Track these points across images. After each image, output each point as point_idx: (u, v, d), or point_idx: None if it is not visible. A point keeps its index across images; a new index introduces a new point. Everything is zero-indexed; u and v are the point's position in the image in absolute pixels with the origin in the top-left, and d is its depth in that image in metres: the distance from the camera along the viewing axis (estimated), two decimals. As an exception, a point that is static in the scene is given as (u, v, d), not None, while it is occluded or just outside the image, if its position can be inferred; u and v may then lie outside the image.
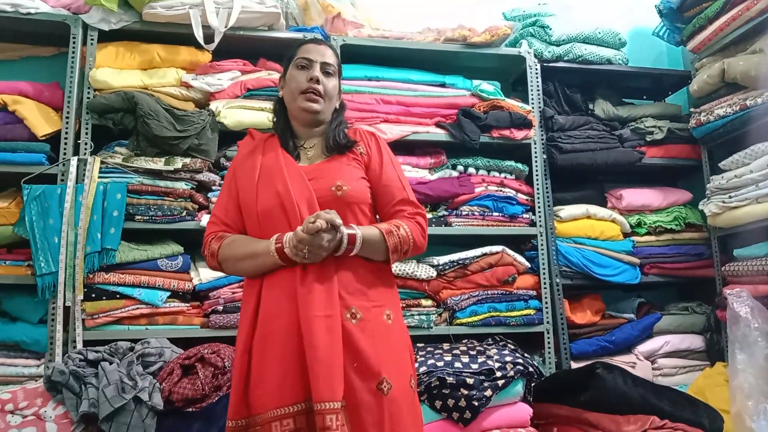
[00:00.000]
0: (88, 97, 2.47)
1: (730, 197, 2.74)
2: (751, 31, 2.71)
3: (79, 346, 2.23)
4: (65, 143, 2.41)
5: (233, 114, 2.51)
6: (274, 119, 1.80)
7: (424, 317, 2.55)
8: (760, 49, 2.63)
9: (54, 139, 2.42)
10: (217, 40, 2.55)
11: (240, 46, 2.68)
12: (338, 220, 1.51)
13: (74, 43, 2.49)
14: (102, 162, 2.40)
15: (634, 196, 2.98)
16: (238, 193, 1.68)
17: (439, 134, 2.76)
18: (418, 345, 2.47)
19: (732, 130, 2.80)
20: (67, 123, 2.43)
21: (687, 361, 2.82)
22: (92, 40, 2.52)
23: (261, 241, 1.59)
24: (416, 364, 2.16)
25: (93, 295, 2.29)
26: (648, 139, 3.01)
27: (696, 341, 2.86)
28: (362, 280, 1.60)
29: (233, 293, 2.39)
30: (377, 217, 1.75)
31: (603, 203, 2.99)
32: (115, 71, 2.52)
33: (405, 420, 1.53)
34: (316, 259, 1.51)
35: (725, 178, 2.79)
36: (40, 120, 2.41)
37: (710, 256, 2.97)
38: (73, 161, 2.37)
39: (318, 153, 1.73)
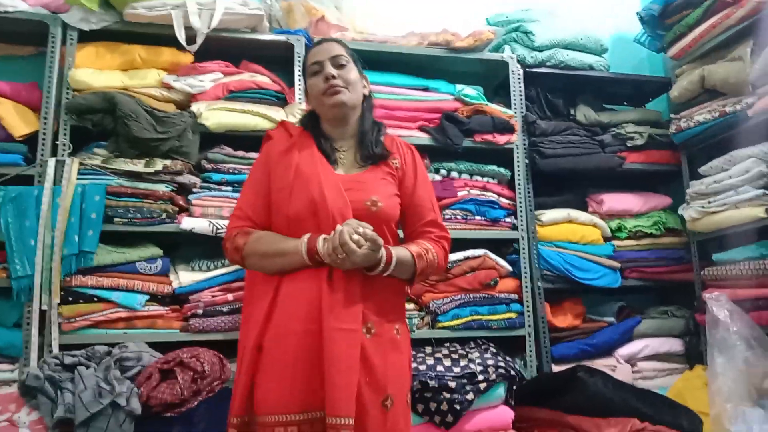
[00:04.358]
0: (67, 98, 2.43)
1: (710, 202, 2.77)
2: (731, 38, 2.75)
3: (55, 350, 2.18)
4: (43, 144, 2.37)
5: (215, 116, 2.48)
6: (306, 124, 1.78)
7: (407, 320, 2.53)
8: (740, 57, 2.67)
9: (31, 139, 2.38)
10: (199, 41, 2.53)
11: (222, 47, 2.66)
12: (381, 241, 1.51)
13: (53, 42, 2.45)
14: (80, 164, 2.36)
15: (614, 200, 3.00)
16: (269, 191, 1.66)
17: (423, 138, 2.76)
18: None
19: (711, 136, 2.83)
20: (45, 123, 2.39)
21: (666, 365, 2.84)
22: (72, 40, 2.48)
23: (289, 239, 1.58)
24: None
25: (70, 299, 2.24)
26: (629, 145, 3.04)
27: (675, 345, 2.88)
28: (381, 297, 1.61)
29: (213, 297, 2.36)
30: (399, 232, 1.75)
31: (584, 208, 3.01)
32: (95, 72, 2.49)
33: None
34: (347, 267, 1.51)
35: (704, 183, 2.82)
36: (17, 120, 2.38)
37: (690, 260, 3.00)
38: (51, 162, 2.33)
39: (352, 160, 1.72)
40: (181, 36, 2.51)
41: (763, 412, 2.23)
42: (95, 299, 2.27)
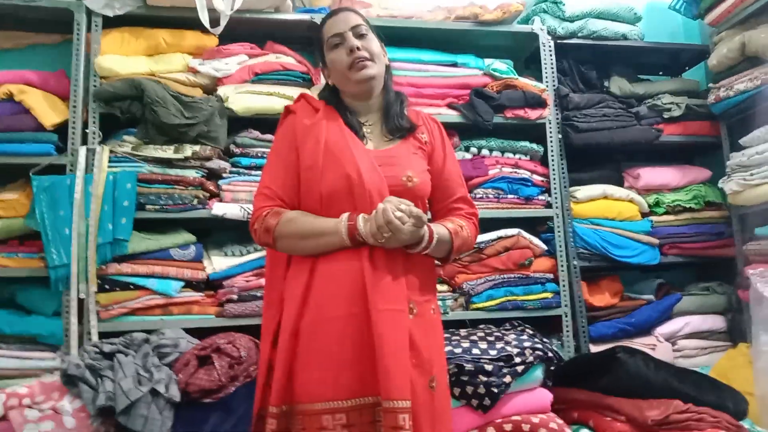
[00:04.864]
0: (95, 85, 2.43)
1: (752, 174, 2.68)
2: (774, 2, 2.63)
3: (95, 338, 2.21)
4: (73, 133, 2.37)
5: (242, 100, 2.46)
6: (328, 98, 1.71)
7: (440, 303, 2.51)
8: (783, 21, 2.55)
9: (62, 128, 2.38)
10: (223, 23, 2.49)
11: (247, 29, 2.63)
12: (425, 216, 1.47)
13: (78, 29, 2.44)
14: (111, 151, 2.37)
15: (651, 175, 2.92)
16: (297, 168, 1.59)
17: (452, 115, 2.70)
18: (435, 331, 2.44)
19: (752, 105, 2.72)
20: (74, 112, 2.39)
21: (708, 342, 2.77)
22: (96, 26, 2.47)
23: (325, 219, 1.52)
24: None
25: (106, 287, 2.26)
26: (665, 116, 2.94)
27: (717, 322, 2.81)
28: (421, 275, 1.58)
29: (247, 281, 2.36)
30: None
31: (620, 183, 2.93)
32: (121, 58, 2.48)
33: (447, 415, 1.53)
34: (391, 246, 1.47)
35: (746, 155, 2.72)
36: (46, 109, 2.38)
37: (731, 235, 2.91)
38: (82, 151, 2.34)
39: (379, 134, 1.67)
40: (204, 19, 2.47)
41: (810, 391, 2.17)
42: (131, 287, 2.28)
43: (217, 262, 2.37)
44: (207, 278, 2.36)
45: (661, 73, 3.30)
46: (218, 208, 2.37)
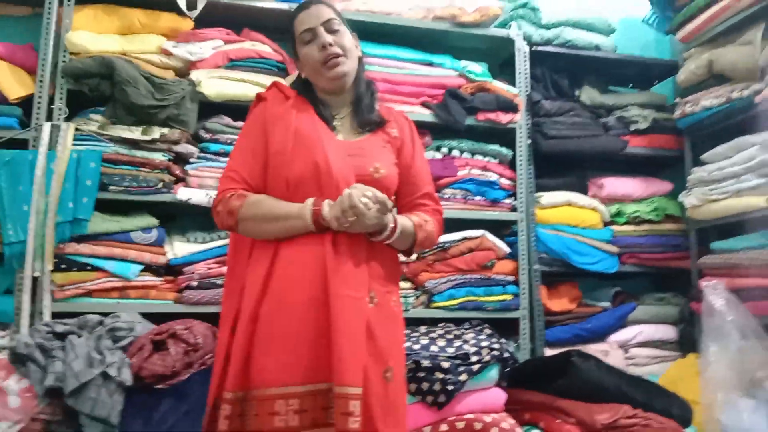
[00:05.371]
0: (64, 61, 2.37)
1: (711, 190, 2.75)
2: (742, 22, 2.69)
3: (47, 318, 2.16)
4: (38, 108, 2.32)
5: (214, 85, 2.44)
6: (300, 89, 1.71)
7: (402, 299, 2.52)
8: (749, 41, 2.61)
9: (26, 103, 2.33)
10: (200, 7, 2.47)
11: (224, 14, 2.60)
12: (390, 203, 1.48)
13: (50, 3, 2.39)
14: (76, 129, 2.32)
15: (615, 185, 2.98)
16: (266, 153, 1.59)
17: (425, 114, 2.72)
18: (395, 327, 2.46)
19: (716, 122, 2.80)
20: (40, 87, 2.34)
21: (659, 352, 2.84)
22: (69, 1, 2.42)
23: (290, 203, 1.53)
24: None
25: (63, 266, 2.22)
26: (632, 128, 2.99)
27: (669, 332, 2.88)
28: (384, 266, 1.59)
29: (208, 269, 2.34)
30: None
31: (584, 191, 2.98)
32: (93, 35, 2.43)
33: (401, 408, 1.53)
34: (355, 231, 1.48)
35: (707, 170, 2.79)
36: (12, 82, 2.33)
37: (687, 247, 2.98)
38: (46, 127, 2.29)
39: (349, 127, 1.68)
40: (181, 1, 2.44)
41: (754, 402, 2.24)
42: (89, 267, 2.24)
43: (179, 248, 2.34)
44: (167, 263, 2.34)
45: (631, 85, 3.37)
46: (183, 193, 2.34)
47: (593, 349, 2.64)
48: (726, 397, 2.27)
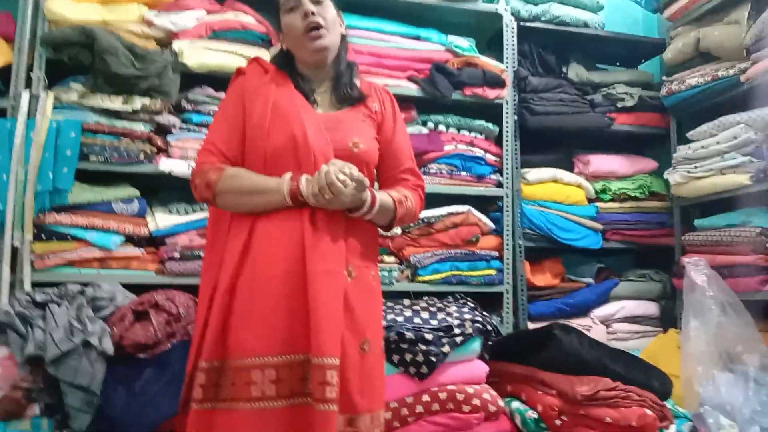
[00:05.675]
0: (43, 30, 2.33)
1: (695, 167, 2.76)
2: (729, 1, 2.68)
3: (27, 287, 2.14)
4: (16, 76, 2.28)
5: (197, 55, 2.40)
6: (280, 63, 1.70)
7: (386, 273, 2.53)
8: (736, 20, 2.62)
9: (4, 71, 2.28)
10: (182, -25, 2.43)
11: (207, -16, 2.56)
12: (367, 181, 1.48)
13: (29, -30, 2.34)
14: (56, 98, 2.28)
15: (601, 162, 2.98)
16: (244, 126, 1.58)
17: (411, 89, 2.70)
18: (379, 300, 2.46)
19: (702, 100, 2.80)
20: (18, 55, 2.29)
21: (641, 327, 2.87)
22: (48, -33, 2.37)
23: (268, 177, 1.52)
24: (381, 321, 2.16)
25: (43, 236, 2.19)
26: (618, 106, 3.00)
27: (651, 308, 2.91)
28: (361, 240, 1.59)
29: (191, 240, 2.32)
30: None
31: (570, 168, 2.98)
32: (73, 4, 2.38)
33: (378, 379, 1.55)
34: (333, 208, 1.48)
35: (692, 148, 2.80)
36: (-11, 50, 2.28)
37: (671, 225, 3.00)
38: (25, 95, 2.24)
39: (329, 101, 1.67)
40: (163, -31, 2.40)
41: (732, 376, 2.26)
42: (69, 238, 2.22)
43: (161, 219, 2.32)
44: (149, 234, 2.32)
45: (618, 63, 3.36)
46: (165, 164, 2.32)
47: (576, 323, 2.65)
48: (705, 371, 2.30)
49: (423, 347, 2.06)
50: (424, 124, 2.75)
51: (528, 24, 2.93)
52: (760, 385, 2.20)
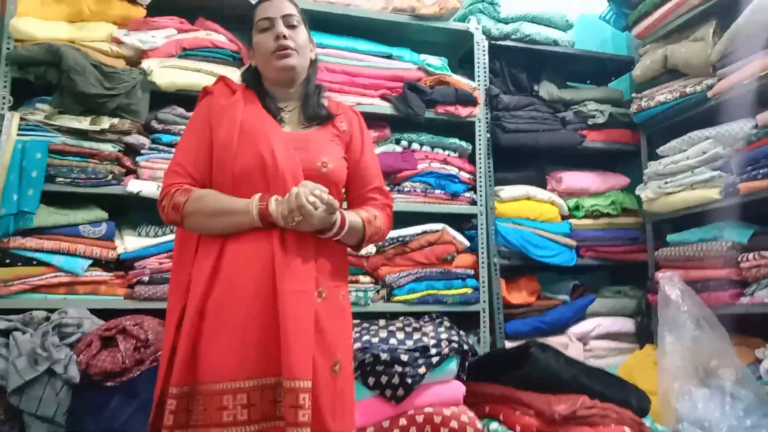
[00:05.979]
0: (8, 48, 2.28)
1: (666, 183, 2.79)
2: (695, 18, 2.74)
3: (-10, 314, 2.07)
4: (-20, 96, 2.23)
5: (167, 74, 2.37)
6: (248, 82, 1.69)
7: (361, 294, 2.50)
8: (702, 37, 2.67)
9: (-33, 91, 2.24)
10: (152, -6, 2.40)
11: (177, 3, 2.53)
12: (336, 203, 1.47)
13: (-8, -13, 2.30)
14: (22, 119, 2.23)
15: (573, 179, 3.00)
16: (211, 146, 1.56)
17: (384, 107, 2.70)
18: (354, 321, 2.42)
19: (671, 116, 2.84)
20: (-17, 74, 2.24)
21: (618, 344, 2.87)
22: (13, -15, 2.32)
23: (237, 198, 1.50)
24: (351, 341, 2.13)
25: (7, 261, 2.13)
26: (590, 123, 3.03)
27: (627, 324, 2.91)
28: (332, 261, 1.57)
29: (160, 264, 2.27)
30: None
31: (543, 185, 3.00)
32: (40, 21, 2.34)
33: (349, 400, 1.53)
34: (302, 229, 1.46)
35: (662, 164, 2.83)
36: (-49, 69, 2.22)
37: (644, 240, 3.02)
38: (-11, 116, 2.19)
39: (296, 121, 1.66)
40: (133, -12, 2.38)
41: (708, 391, 2.27)
42: (34, 262, 2.16)
43: (130, 242, 2.27)
44: (117, 258, 2.26)
45: (588, 81, 3.40)
46: (134, 185, 2.27)
47: (553, 341, 2.64)
48: (681, 387, 2.31)
49: (399, 369, 2.04)
50: (398, 142, 2.74)
51: (499, 42, 2.95)
52: (736, 399, 2.21)
